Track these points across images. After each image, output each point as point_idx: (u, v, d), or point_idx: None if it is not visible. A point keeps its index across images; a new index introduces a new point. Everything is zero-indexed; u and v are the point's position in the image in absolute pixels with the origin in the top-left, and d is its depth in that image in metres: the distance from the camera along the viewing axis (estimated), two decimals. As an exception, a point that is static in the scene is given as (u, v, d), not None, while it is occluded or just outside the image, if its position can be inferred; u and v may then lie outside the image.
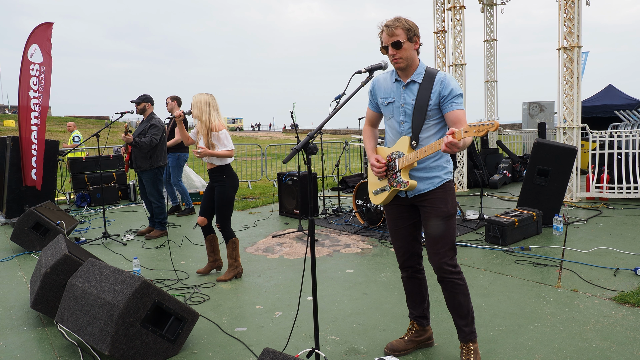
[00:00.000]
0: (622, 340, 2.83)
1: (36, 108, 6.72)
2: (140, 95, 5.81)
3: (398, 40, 2.39)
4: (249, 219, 6.96)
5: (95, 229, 6.51)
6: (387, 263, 4.55)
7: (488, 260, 4.52)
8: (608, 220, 5.93)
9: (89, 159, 9.16)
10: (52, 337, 3.18)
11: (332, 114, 2.39)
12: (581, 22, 6.99)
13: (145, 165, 5.69)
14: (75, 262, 3.35)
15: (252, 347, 2.95)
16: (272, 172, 12.23)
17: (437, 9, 9.06)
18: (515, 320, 3.18)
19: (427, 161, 2.51)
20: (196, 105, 3.96)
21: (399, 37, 2.39)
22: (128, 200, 9.14)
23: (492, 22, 11.32)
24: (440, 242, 2.51)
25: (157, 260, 4.98)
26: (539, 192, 5.76)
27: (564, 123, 7.18)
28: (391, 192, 2.59)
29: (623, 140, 7.22)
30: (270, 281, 4.19)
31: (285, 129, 66.41)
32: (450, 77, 2.48)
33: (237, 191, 4.23)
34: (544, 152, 5.80)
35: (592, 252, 4.60)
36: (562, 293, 3.62)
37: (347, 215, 6.68)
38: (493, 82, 11.42)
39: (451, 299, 2.58)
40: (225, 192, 4.08)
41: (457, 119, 2.41)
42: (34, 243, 5.39)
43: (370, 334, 3.07)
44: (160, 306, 2.83)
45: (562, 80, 7.13)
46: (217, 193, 4.09)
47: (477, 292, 3.71)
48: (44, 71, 6.76)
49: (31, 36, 6.67)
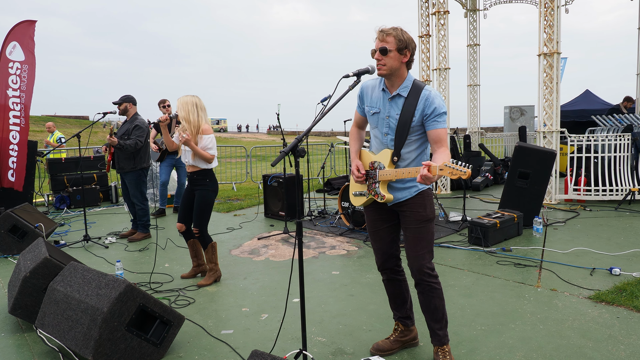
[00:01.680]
0: (598, 337, 2.92)
1: (17, 107, 6.55)
2: (122, 95, 5.72)
3: (385, 47, 2.41)
4: (234, 221, 6.93)
5: (75, 232, 6.39)
6: (372, 264, 4.58)
7: (471, 261, 4.60)
8: (585, 222, 6.10)
9: (69, 159, 8.97)
10: (31, 343, 3.11)
11: (320, 117, 2.41)
12: (560, 29, 7.18)
13: (128, 167, 5.62)
14: (56, 265, 3.29)
15: (239, 350, 2.94)
16: (256, 173, 12.18)
17: (421, 13, 9.18)
18: (497, 319, 3.25)
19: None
20: (182, 107, 3.90)
21: (387, 45, 2.41)
22: (109, 202, 8.98)
23: (475, 27, 11.51)
24: (419, 245, 2.55)
25: (141, 263, 4.92)
26: (520, 195, 5.89)
27: (543, 127, 7.35)
28: (369, 199, 2.65)
29: (600, 144, 7.44)
30: (256, 283, 4.18)
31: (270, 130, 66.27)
32: (434, 95, 2.46)
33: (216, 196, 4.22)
34: (525, 156, 5.94)
35: (570, 253, 4.73)
36: (541, 292, 3.71)
37: (333, 217, 6.71)
38: (476, 87, 11.61)
39: (427, 303, 2.62)
40: (208, 196, 4.03)
41: (438, 138, 2.45)
42: (11, 246, 5.26)
43: (357, 335, 3.10)
44: (145, 310, 2.80)
45: (542, 86, 7.30)
46: (199, 197, 4.01)
47: (460, 292, 3.78)
48: (27, 70, 6.60)
49: (10, 33, 6.50)
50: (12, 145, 6.61)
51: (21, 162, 6.67)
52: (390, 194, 2.55)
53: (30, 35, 6.61)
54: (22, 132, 6.62)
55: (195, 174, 4.01)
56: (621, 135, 7.36)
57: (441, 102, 2.45)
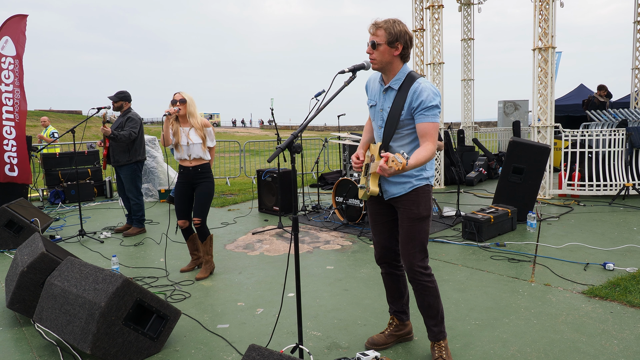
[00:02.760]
0: (592, 332, 2.96)
1: (9, 102, 6.51)
2: (118, 92, 5.70)
3: (375, 42, 2.41)
4: (228, 215, 6.94)
5: (70, 227, 6.37)
6: (366, 259, 4.62)
7: (465, 256, 4.64)
8: (579, 217, 6.16)
9: (63, 154, 8.93)
10: (29, 337, 3.12)
11: (316, 113, 2.41)
12: (555, 23, 7.20)
13: (123, 160, 5.61)
14: (53, 260, 3.29)
15: (235, 344, 2.96)
16: (250, 168, 12.17)
17: (415, 7, 9.15)
18: (491, 314, 3.29)
19: None
20: (191, 102, 4.07)
21: (377, 38, 2.41)
22: (104, 197, 8.96)
23: (469, 21, 11.51)
24: (410, 243, 2.55)
25: (136, 257, 4.92)
26: (514, 190, 5.93)
27: (538, 122, 7.39)
28: (364, 192, 2.66)
29: (594, 139, 7.49)
30: (251, 278, 4.20)
31: (263, 124, 66.14)
32: (424, 87, 2.39)
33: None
34: (519, 151, 5.97)
35: (564, 248, 4.78)
36: (535, 287, 3.75)
37: (327, 212, 6.73)
38: (470, 81, 11.63)
39: (421, 300, 2.64)
40: (212, 188, 4.21)
41: (423, 132, 2.39)
42: (7, 241, 5.25)
43: (351, 329, 3.13)
44: (142, 304, 2.81)
45: (537, 80, 7.33)
46: (205, 188, 4.14)
47: (455, 287, 3.82)
48: (18, 65, 6.55)
49: (2, 28, 6.45)
50: (7, 140, 6.56)
51: (22, 156, 6.62)
52: (375, 188, 2.52)
53: (22, 30, 6.56)
54: (18, 126, 6.58)
55: (200, 167, 4.11)
56: (616, 130, 7.42)
57: (430, 95, 2.37)
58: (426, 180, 2.57)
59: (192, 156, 4.07)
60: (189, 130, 4.05)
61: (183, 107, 4.01)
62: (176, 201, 4.21)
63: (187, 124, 4.08)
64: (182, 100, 4.02)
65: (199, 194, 4.13)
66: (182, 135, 4.03)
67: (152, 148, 8.54)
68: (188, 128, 4.06)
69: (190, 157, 4.07)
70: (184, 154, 4.06)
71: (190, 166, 4.10)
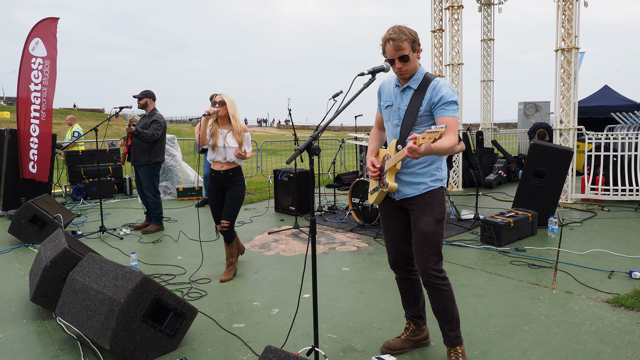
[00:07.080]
0: (617, 343, 2.87)
1: (37, 101, 6.72)
2: (143, 90, 5.86)
3: (405, 54, 2.41)
4: (245, 214, 6.98)
5: (91, 223, 6.50)
6: (382, 262, 4.58)
7: (483, 260, 4.57)
8: (603, 222, 6.00)
9: (86, 152, 9.13)
10: (51, 330, 3.19)
11: (334, 115, 2.41)
12: (579, 23, 7.03)
13: (143, 160, 5.71)
14: (75, 256, 3.36)
15: (250, 344, 2.97)
16: (267, 168, 12.23)
17: (434, 7, 9.05)
18: (511, 321, 3.22)
19: (415, 167, 2.54)
20: (231, 104, 4.07)
21: (405, 51, 2.41)
22: (123, 194, 9.11)
23: (489, 22, 11.34)
24: (424, 246, 2.53)
25: (154, 255, 4.99)
26: (535, 193, 5.82)
27: (560, 124, 7.24)
28: (380, 193, 2.64)
29: (619, 142, 7.28)
30: (266, 278, 4.21)
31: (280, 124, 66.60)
32: (443, 84, 2.45)
33: None
34: (540, 153, 5.85)
35: (587, 254, 4.66)
36: (557, 295, 3.67)
37: (343, 212, 6.71)
38: (489, 82, 11.46)
39: (436, 304, 2.60)
40: (242, 192, 4.22)
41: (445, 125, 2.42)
42: (32, 236, 5.39)
43: (367, 333, 3.11)
44: (160, 301, 2.84)
45: (559, 82, 7.18)
46: (237, 192, 4.16)
47: (473, 292, 3.76)
48: (49, 65, 6.77)
49: (34, 30, 6.70)
50: (32, 138, 6.76)
51: (42, 154, 6.81)
52: (394, 183, 2.52)
53: (52, 32, 6.80)
54: (44, 125, 6.78)
55: (232, 170, 4.13)
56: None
57: (450, 91, 2.42)
58: (440, 182, 2.58)
59: (227, 159, 4.09)
60: (227, 133, 4.06)
61: (222, 109, 4.03)
62: (212, 207, 4.23)
63: (225, 127, 4.09)
64: (222, 102, 4.04)
65: (229, 197, 4.13)
66: (219, 137, 4.05)
67: (171, 147, 8.65)
68: (226, 131, 4.07)
69: (225, 159, 4.09)
70: (219, 156, 4.08)
71: (221, 170, 4.11)
